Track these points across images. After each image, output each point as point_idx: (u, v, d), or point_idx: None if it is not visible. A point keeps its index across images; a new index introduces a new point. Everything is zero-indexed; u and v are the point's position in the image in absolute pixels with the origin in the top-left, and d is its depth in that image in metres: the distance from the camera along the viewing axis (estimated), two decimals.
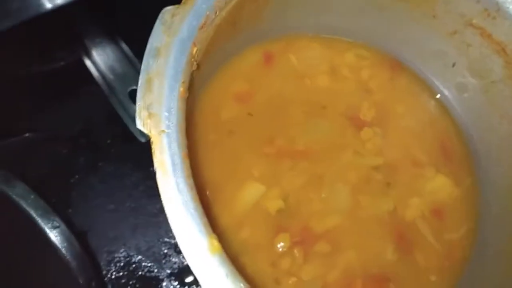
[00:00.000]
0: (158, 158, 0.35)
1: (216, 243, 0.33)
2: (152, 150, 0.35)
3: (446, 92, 0.58)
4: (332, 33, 0.59)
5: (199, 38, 0.41)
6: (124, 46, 0.66)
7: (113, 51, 0.64)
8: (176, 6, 0.41)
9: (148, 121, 0.36)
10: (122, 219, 0.57)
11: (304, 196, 0.50)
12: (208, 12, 0.41)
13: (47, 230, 0.48)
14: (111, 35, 0.64)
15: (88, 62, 0.63)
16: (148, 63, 0.38)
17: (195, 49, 0.40)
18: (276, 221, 0.48)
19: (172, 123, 0.37)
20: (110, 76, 0.63)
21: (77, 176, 0.59)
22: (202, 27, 0.41)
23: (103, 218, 0.57)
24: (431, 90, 0.59)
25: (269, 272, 0.46)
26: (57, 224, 0.46)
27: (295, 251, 0.47)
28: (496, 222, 0.51)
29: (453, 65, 0.56)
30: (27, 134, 0.60)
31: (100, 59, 0.64)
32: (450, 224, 0.52)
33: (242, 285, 0.32)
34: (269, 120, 0.53)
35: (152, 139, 0.36)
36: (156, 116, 0.36)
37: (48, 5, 0.46)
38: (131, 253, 0.55)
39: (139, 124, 0.36)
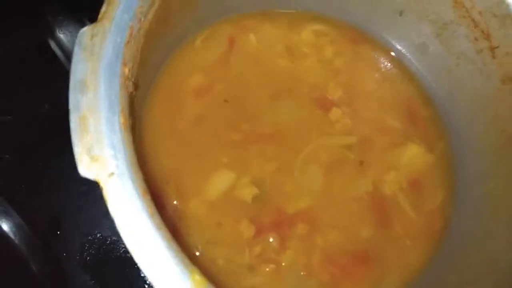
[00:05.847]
0: (114, 207, 0.31)
1: (198, 277, 0.30)
2: (104, 198, 0.31)
3: (407, 55, 0.56)
4: (281, 7, 0.56)
5: (128, 56, 0.35)
6: (89, 24, 0.63)
7: (78, 29, 0.61)
8: (93, 25, 0.35)
9: (93, 165, 0.31)
10: (95, 201, 0.56)
11: (276, 180, 0.49)
12: (131, 23, 0.36)
13: None
14: (75, 13, 0.62)
15: (51, 42, 0.60)
16: (77, 100, 0.33)
17: (126, 70, 0.35)
18: (248, 207, 0.47)
19: (120, 161, 0.32)
20: None
21: (45, 160, 0.57)
22: (128, 42, 0.35)
23: (75, 201, 0.56)
24: (392, 56, 0.57)
25: (244, 261, 0.45)
26: (4, 209, 0.43)
27: (270, 237, 0.46)
28: (473, 185, 0.51)
29: (400, 13, 0.53)
30: None
31: (64, 38, 0.61)
32: (428, 194, 0.52)
33: None
34: (234, 107, 0.52)
35: (101, 185, 0.31)
36: (101, 158, 0.31)
37: None
38: (106, 235, 0.55)
39: (83, 172, 0.31)
